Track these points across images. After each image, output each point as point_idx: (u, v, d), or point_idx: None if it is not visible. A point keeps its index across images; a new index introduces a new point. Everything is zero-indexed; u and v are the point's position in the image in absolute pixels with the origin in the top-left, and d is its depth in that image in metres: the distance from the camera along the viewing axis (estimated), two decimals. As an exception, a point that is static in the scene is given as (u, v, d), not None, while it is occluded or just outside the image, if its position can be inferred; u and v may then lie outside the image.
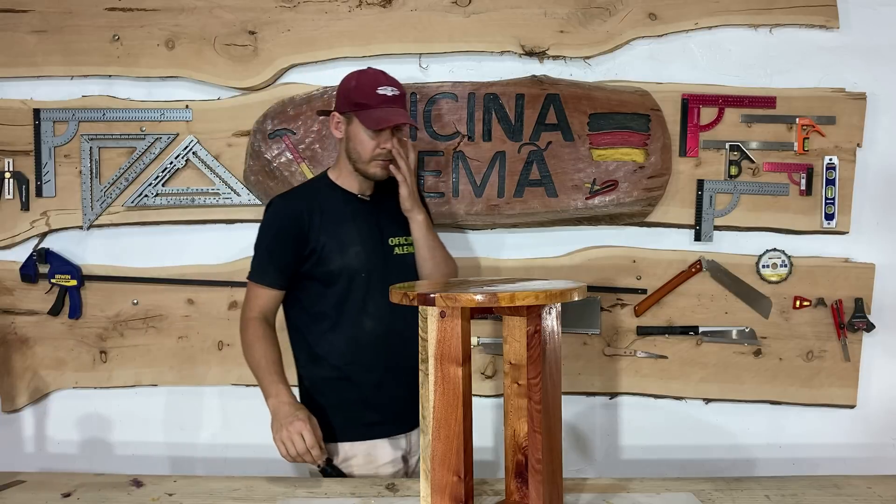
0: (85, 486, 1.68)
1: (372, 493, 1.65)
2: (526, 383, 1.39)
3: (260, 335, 1.86)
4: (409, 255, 1.97)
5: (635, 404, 2.50)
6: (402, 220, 1.96)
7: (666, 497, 1.63)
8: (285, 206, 1.92)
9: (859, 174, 2.42)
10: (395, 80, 1.91)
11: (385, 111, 1.85)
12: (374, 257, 1.90)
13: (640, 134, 2.37)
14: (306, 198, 1.93)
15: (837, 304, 2.43)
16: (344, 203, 1.93)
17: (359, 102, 1.85)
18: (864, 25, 2.41)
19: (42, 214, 2.42)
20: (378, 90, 1.85)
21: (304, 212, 1.88)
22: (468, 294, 1.29)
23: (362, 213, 1.93)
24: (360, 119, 1.85)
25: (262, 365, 1.83)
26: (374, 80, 1.88)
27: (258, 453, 2.46)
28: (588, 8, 2.38)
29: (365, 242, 1.90)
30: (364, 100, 1.85)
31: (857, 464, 2.45)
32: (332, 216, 1.90)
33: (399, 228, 1.97)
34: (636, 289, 2.43)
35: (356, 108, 1.86)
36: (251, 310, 1.90)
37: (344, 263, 1.87)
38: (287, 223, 1.89)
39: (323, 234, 1.88)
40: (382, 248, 1.93)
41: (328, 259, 1.87)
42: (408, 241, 1.97)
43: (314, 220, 1.88)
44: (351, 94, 1.87)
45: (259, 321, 1.88)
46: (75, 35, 2.39)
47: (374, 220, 1.94)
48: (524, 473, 1.41)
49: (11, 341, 2.45)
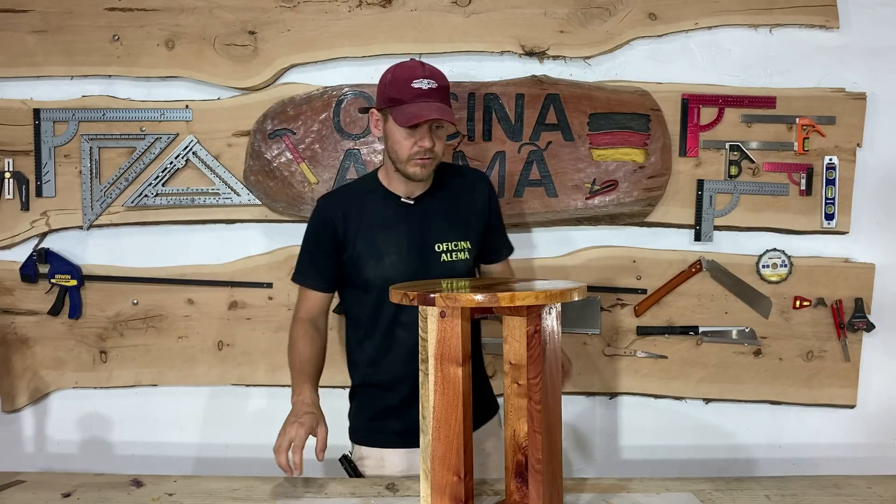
0: (85, 486, 1.68)
1: (372, 493, 1.65)
2: (526, 383, 1.39)
3: (300, 335, 1.85)
4: (460, 261, 1.86)
5: (635, 404, 2.50)
6: (456, 222, 1.87)
7: (666, 497, 1.63)
8: (323, 209, 1.87)
9: (859, 174, 2.43)
10: (437, 70, 1.78)
11: (418, 106, 1.71)
12: (414, 266, 1.81)
13: (640, 134, 2.37)
14: (347, 200, 1.87)
15: (837, 304, 2.43)
16: (385, 207, 1.84)
17: (393, 97, 1.74)
18: (864, 25, 2.41)
19: (42, 214, 2.42)
20: (413, 83, 1.72)
21: (340, 217, 1.83)
22: (468, 294, 1.29)
23: (405, 218, 1.84)
24: (393, 116, 1.73)
25: (295, 363, 1.82)
26: (411, 73, 1.74)
27: (258, 453, 2.45)
28: (588, 8, 2.38)
29: (403, 251, 1.81)
30: (398, 94, 1.73)
31: (857, 464, 2.45)
32: (370, 221, 1.83)
33: (449, 232, 1.85)
34: (636, 289, 2.43)
35: (391, 104, 1.74)
36: (298, 311, 1.90)
37: (379, 272, 1.80)
38: (323, 227, 1.85)
39: (359, 240, 1.82)
40: (425, 256, 1.83)
41: (363, 267, 1.82)
42: (458, 246, 1.86)
43: (350, 225, 1.82)
44: (386, 89, 1.76)
45: (304, 322, 1.87)
46: (75, 35, 2.39)
47: (418, 225, 1.84)
48: (524, 473, 1.41)
49: (11, 341, 2.45)
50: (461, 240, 1.86)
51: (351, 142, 2.37)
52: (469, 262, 1.88)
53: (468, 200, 1.92)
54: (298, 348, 1.83)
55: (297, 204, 2.36)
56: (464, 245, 1.87)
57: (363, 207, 1.84)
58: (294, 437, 1.60)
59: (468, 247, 1.88)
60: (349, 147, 2.37)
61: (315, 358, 1.83)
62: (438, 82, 1.75)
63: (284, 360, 2.41)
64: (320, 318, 1.91)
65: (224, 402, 2.49)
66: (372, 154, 2.37)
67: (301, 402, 1.72)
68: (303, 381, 1.77)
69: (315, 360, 1.83)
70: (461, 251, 1.86)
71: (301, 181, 2.36)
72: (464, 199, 1.91)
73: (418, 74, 1.74)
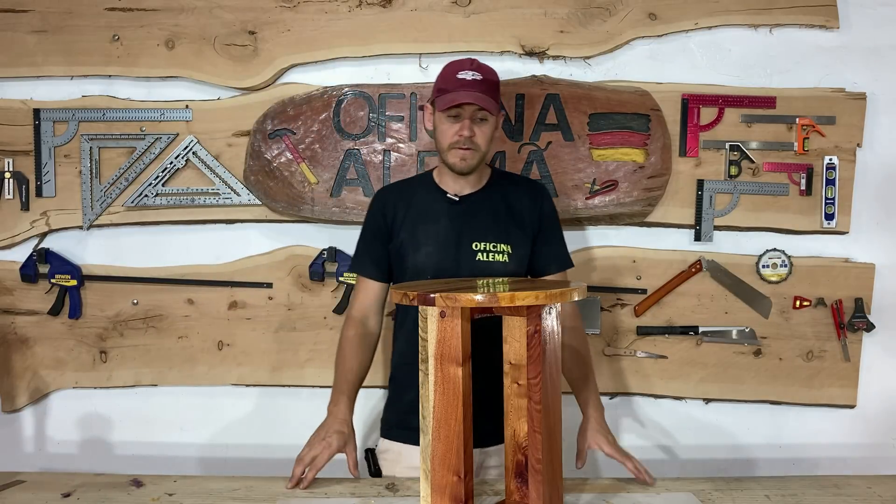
0: (85, 486, 1.68)
1: (372, 493, 1.65)
2: (526, 383, 1.39)
3: (348, 337, 1.89)
4: (498, 262, 1.85)
5: (635, 404, 2.50)
6: (499, 225, 1.87)
7: (666, 497, 1.63)
8: (378, 198, 1.97)
9: (859, 174, 2.42)
10: (486, 66, 1.85)
11: (458, 93, 1.78)
12: (447, 260, 1.84)
13: (640, 134, 2.37)
14: (400, 191, 1.96)
15: (837, 304, 2.43)
16: (431, 201, 1.90)
17: (439, 88, 1.82)
18: (864, 25, 2.41)
19: (42, 214, 2.42)
20: (458, 74, 1.80)
21: (391, 205, 1.91)
22: (468, 294, 1.29)
23: (448, 213, 1.88)
24: (437, 104, 1.81)
25: (338, 370, 1.87)
26: (459, 66, 1.83)
27: (258, 453, 2.46)
28: (588, 8, 2.38)
29: (440, 243, 1.85)
30: (443, 84, 1.81)
31: (857, 464, 2.45)
32: (416, 213, 1.89)
33: (489, 233, 1.86)
34: (636, 289, 2.43)
35: (437, 95, 1.83)
36: (352, 305, 1.95)
37: (415, 262, 1.86)
38: (376, 215, 1.93)
39: (404, 230, 1.88)
40: (460, 252, 1.85)
41: (405, 256, 1.87)
42: (497, 248, 1.86)
43: (398, 213, 1.90)
44: (437, 82, 1.85)
45: (355, 323, 1.91)
46: (75, 35, 2.39)
47: (459, 222, 1.87)
48: (524, 473, 1.41)
49: (11, 341, 2.45)
50: (501, 242, 1.86)
51: (351, 142, 2.37)
52: (510, 265, 1.86)
53: (519, 207, 1.91)
54: (345, 355, 1.88)
55: (297, 204, 2.36)
56: (503, 248, 1.86)
57: (413, 199, 1.92)
58: (317, 456, 1.69)
59: (508, 250, 1.86)
60: (349, 147, 2.37)
61: (359, 368, 1.87)
62: (484, 75, 1.81)
63: (284, 360, 2.44)
64: (373, 316, 1.94)
65: (224, 402, 2.48)
66: (372, 154, 2.37)
67: (334, 418, 1.78)
68: (341, 393, 1.82)
69: (359, 370, 1.87)
70: (500, 253, 1.86)
71: (301, 181, 2.36)
72: (515, 205, 1.91)
73: (465, 67, 1.82)
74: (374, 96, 2.36)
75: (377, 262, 1.92)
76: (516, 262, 1.88)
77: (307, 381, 2.45)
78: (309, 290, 2.42)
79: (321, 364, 2.42)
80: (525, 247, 1.90)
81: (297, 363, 2.44)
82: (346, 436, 1.75)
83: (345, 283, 2.39)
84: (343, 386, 1.83)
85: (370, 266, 1.93)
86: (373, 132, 2.37)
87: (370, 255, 1.93)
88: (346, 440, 1.74)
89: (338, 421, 1.76)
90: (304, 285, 2.42)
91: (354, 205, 2.37)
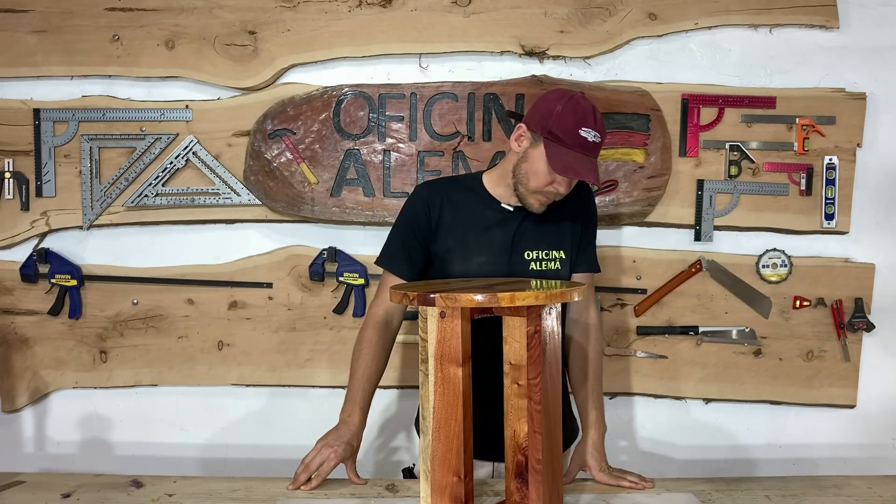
0: (85, 486, 1.68)
1: (372, 494, 1.65)
2: (526, 384, 1.39)
3: (371, 341, 1.78)
4: (550, 270, 1.79)
5: (635, 404, 2.50)
6: (551, 232, 1.80)
7: (666, 497, 1.63)
8: (421, 193, 1.83)
9: (859, 174, 2.42)
10: (602, 122, 1.69)
11: (577, 158, 1.64)
12: (501, 270, 1.76)
13: (640, 134, 2.37)
14: (446, 190, 1.82)
15: (837, 304, 2.43)
16: (483, 207, 1.80)
17: (555, 134, 1.65)
18: (864, 25, 2.41)
19: (42, 214, 2.42)
20: (581, 131, 1.64)
21: (437, 204, 1.79)
22: (468, 294, 1.29)
23: (500, 221, 1.79)
24: (548, 152, 1.65)
25: (356, 376, 1.77)
26: (582, 118, 1.65)
27: (258, 454, 2.46)
28: (588, 8, 2.38)
29: (494, 254, 1.77)
30: (562, 134, 1.65)
31: (857, 464, 2.45)
32: (464, 217, 1.79)
33: (541, 242, 1.79)
34: (636, 289, 2.43)
35: (549, 137, 1.66)
36: (375, 303, 1.83)
37: (465, 270, 1.76)
38: (419, 211, 1.80)
39: (451, 235, 1.78)
40: (514, 262, 1.78)
41: (451, 262, 1.78)
42: (549, 255, 1.79)
43: (445, 215, 1.79)
44: (550, 120, 1.66)
45: (377, 324, 1.80)
46: (75, 35, 2.39)
47: (513, 231, 1.78)
48: (524, 474, 1.41)
49: (11, 341, 2.45)
50: (553, 249, 1.80)
51: (351, 142, 2.37)
52: (562, 272, 1.81)
53: (568, 210, 1.83)
54: (365, 360, 1.77)
55: (297, 204, 2.36)
56: (556, 255, 1.80)
57: (461, 203, 1.81)
58: (323, 463, 1.67)
59: (561, 256, 1.81)
60: (349, 147, 2.37)
61: (377, 375, 1.79)
62: (602, 137, 1.68)
63: (284, 360, 2.44)
64: (396, 317, 1.83)
65: (224, 402, 2.48)
66: (372, 154, 2.37)
67: (347, 428, 1.72)
68: (355, 403, 1.75)
69: (376, 377, 1.78)
70: (552, 261, 1.80)
71: (301, 181, 2.36)
72: (563, 208, 1.82)
73: (588, 123, 1.65)
74: (374, 96, 2.36)
75: (413, 260, 1.80)
76: (569, 267, 1.83)
77: (307, 380, 2.45)
78: (309, 290, 2.42)
79: (321, 364, 2.43)
80: (575, 249, 1.85)
81: (297, 363, 2.44)
82: (354, 449, 1.71)
83: (345, 283, 2.39)
84: (358, 395, 1.75)
85: (405, 263, 1.80)
86: (373, 132, 2.37)
87: (406, 252, 1.80)
88: (352, 453, 1.71)
89: (350, 432, 1.72)
90: (304, 285, 2.42)
91: (354, 205, 2.37)
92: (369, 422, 1.79)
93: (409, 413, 2.45)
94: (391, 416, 2.48)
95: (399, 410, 2.47)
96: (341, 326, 2.40)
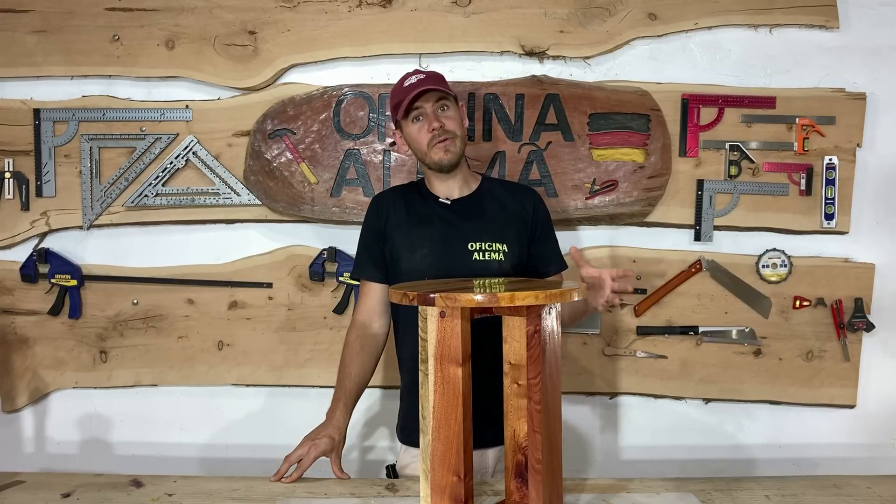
0: (85, 486, 1.68)
1: (372, 494, 1.65)
2: (526, 383, 1.39)
3: (349, 342, 1.92)
4: (494, 261, 1.87)
5: (635, 404, 2.50)
6: (493, 225, 1.90)
7: (666, 497, 1.63)
8: (374, 202, 2.00)
9: (859, 174, 2.42)
10: (430, 71, 1.93)
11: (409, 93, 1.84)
12: (445, 261, 1.86)
13: (640, 134, 2.37)
14: (395, 196, 1.98)
15: (837, 304, 2.43)
16: (423, 205, 1.94)
17: (395, 104, 1.89)
18: (864, 25, 2.41)
19: (42, 214, 2.42)
20: (405, 83, 1.87)
21: (385, 210, 1.94)
22: (468, 294, 1.29)
23: (441, 216, 1.91)
24: (398, 117, 1.88)
25: (340, 377, 1.90)
26: (404, 78, 1.90)
27: (258, 453, 2.46)
28: (588, 8, 2.38)
29: (435, 245, 1.87)
30: (396, 99, 1.88)
31: (857, 464, 2.45)
32: (410, 217, 1.92)
33: (484, 234, 1.88)
34: (636, 289, 2.43)
35: (396, 112, 1.89)
36: (357, 310, 1.97)
37: (411, 265, 1.87)
38: (372, 219, 1.97)
39: (398, 233, 1.91)
40: (456, 253, 1.87)
41: (399, 258, 1.90)
42: (493, 247, 1.88)
43: (392, 217, 1.93)
44: (391, 102, 1.92)
45: (357, 326, 1.93)
46: (75, 35, 2.39)
47: (452, 223, 1.90)
48: (524, 473, 1.41)
49: (11, 341, 2.45)
50: (497, 242, 1.88)
51: (351, 142, 2.37)
52: (506, 264, 1.88)
53: (512, 207, 1.94)
54: (345, 361, 1.90)
55: (297, 204, 2.36)
56: (499, 247, 1.88)
57: (407, 204, 1.95)
58: (303, 456, 1.74)
59: (504, 249, 1.88)
60: (349, 147, 2.37)
61: (359, 373, 1.89)
62: (428, 74, 1.88)
63: (284, 360, 2.44)
64: (377, 319, 1.95)
65: (224, 402, 2.49)
66: (372, 154, 2.37)
67: (329, 422, 1.83)
68: (338, 400, 1.86)
69: (358, 375, 1.89)
70: (495, 252, 1.88)
71: (301, 181, 2.36)
72: (507, 205, 1.94)
73: (409, 75, 1.89)
74: (374, 96, 2.36)
75: (377, 263, 1.94)
76: (512, 262, 1.89)
77: (307, 380, 2.45)
78: (309, 290, 2.42)
79: (321, 364, 2.43)
80: (520, 246, 1.92)
81: (297, 363, 2.44)
82: (335, 441, 1.79)
83: (345, 283, 2.39)
84: (340, 393, 1.87)
85: (371, 268, 1.95)
86: (373, 132, 2.37)
87: (370, 258, 1.95)
88: (335, 446, 1.79)
89: (331, 426, 1.82)
90: (304, 285, 2.42)
91: (354, 205, 2.37)
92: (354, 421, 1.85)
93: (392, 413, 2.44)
94: (374, 415, 2.49)
95: (382, 410, 2.48)
96: (341, 326, 2.40)
